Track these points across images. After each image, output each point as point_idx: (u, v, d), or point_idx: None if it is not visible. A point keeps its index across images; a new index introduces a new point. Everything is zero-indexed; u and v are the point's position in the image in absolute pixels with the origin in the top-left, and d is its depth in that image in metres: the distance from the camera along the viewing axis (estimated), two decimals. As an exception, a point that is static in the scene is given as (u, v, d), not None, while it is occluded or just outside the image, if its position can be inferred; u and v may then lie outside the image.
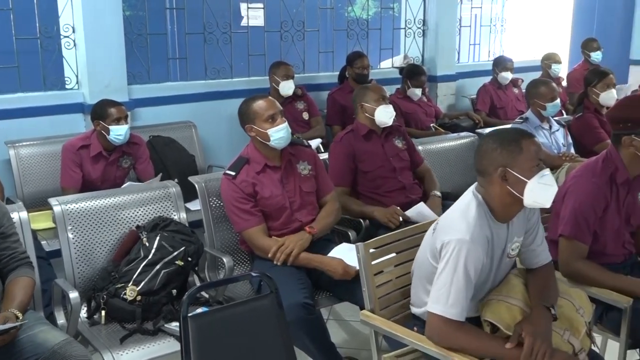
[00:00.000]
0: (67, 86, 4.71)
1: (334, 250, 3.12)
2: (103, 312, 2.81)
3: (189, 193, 3.45)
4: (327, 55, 6.20)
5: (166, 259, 2.92)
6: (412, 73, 5.62)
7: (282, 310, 2.45)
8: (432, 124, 5.65)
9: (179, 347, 2.33)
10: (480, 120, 5.92)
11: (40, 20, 4.59)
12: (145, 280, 2.84)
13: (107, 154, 4.02)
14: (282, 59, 5.47)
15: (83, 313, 2.84)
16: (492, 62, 6.46)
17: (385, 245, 2.55)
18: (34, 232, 3.06)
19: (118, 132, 3.90)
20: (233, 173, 3.13)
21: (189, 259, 2.99)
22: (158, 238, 2.96)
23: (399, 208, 3.58)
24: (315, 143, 4.85)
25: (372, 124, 3.78)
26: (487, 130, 4.37)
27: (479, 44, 7.54)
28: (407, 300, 2.51)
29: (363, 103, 3.77)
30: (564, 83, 6.75)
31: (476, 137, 4.51)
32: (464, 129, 5.40)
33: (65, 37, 4.63)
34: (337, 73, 5.81)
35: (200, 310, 2.55)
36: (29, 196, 4.14)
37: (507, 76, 6.17)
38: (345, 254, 3.02)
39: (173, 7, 6.27)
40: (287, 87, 5.12)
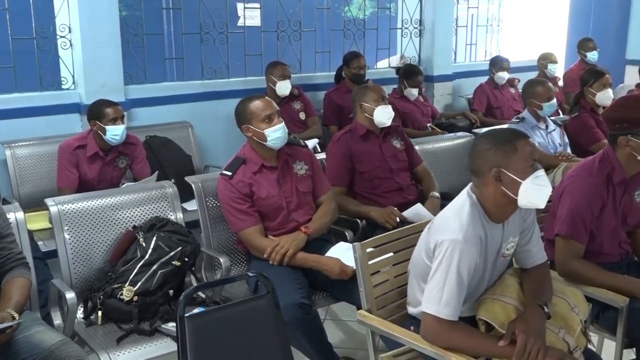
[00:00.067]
0: (63, 86, 4.71)
1: (331, 250, 3.12)
2: (99, 313, 2.81)
3: (186, 193, 3.45)
4: (323, 55, 6.20)
5: (163, 259, 2.91)
6: (408, 73, 5.63)
7: (279, 310, 2.45)
8: (428, 124, 5.65)
9: (175, 347, 2.33)
10: (476, 120, 5.91)
11: (36, 20, 4.59)
12: (142, 280, 2.84)
13: (104, 154, 4.01)
14: (278, 59, 5.47)
15: (79, 313, 2.84)
16: (488, 62, 6.46)
17: (382, 245, 2.55)
18: (31, 232, 3.06)
19: (114, 132, 3.90)
20: (229, 173, 3.13)
21: (186, 259, 2.99)
22: (155, 238, 2.96)
23: (396, 209, 3.58)
24: (312, 143, 4.85)
25: (370, 123, 3.77)
26: (484, 130, 4.38)
27: (476, 44, 7.55)
28: (403, 300, 2.51)
29: (362, 103, 3.77)
30: (560, 83, 6.76)
31: (473, 137, 4.51)
32: (460, 129, 5.40)
33: (61, 37, 4.63)
34: (334, 73, 5.81)
35: (197, 310, 2.55)
36: (25, 196, 4.13)
37: (503, 76, 6.17)
38: (342, 253, 3.02)
39: (169, 7, 6.25)
40: (284, 87, 5.12)
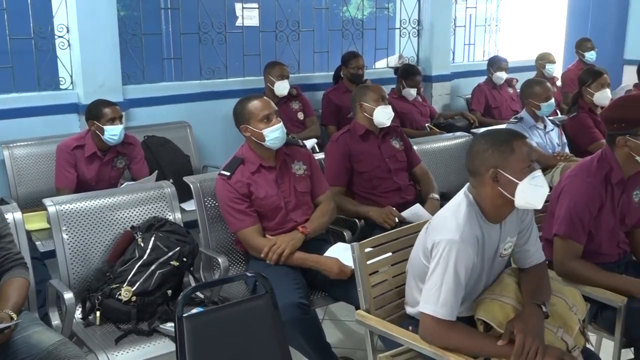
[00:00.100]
0: (61, 86, 4.71)
1: (330, 250, 3.12)
2: (98, 313, 2.80)
3: (184, 193, 3.45)
4: (322, 55, 6.20)
5: (161, 260, 2.91)
6: (407, 73, 5.63)
7: (277, 310, 2.45)
8: (427, 124, 5.65)
9: (174, 347, 2.32)
10: (475, 120, 5.92)
11: (34, 20, 4.59)
12: (140, 280, 2.84)
13: (102, 154, 4.01)
14: (277, 59, 5.47)
15: (78, 314, 2.84)
16: (486, 62, 6.46)
17: (380, 245, 2.55)
18: (29, 232, 3.06)
19: (112, 132, 3.89)
20: (228, 173, 3.13)
21: (184, 259, 2.98)
22: (153, 238, 2.96)
23: (395, 209, 3.58)
24: (311, 143, 4.85)
25: (370, 123, 3.77)
26: (482, 130, 4.38)
27: (474, 44, 7.55)
28: (402, 300, 2.51)
29: (362, 102, 3.77)
30: (558, 83, 6.76)
31: (471, 137, 4.51)
32: (458, 129, 5.40)
33: (59, 37, 4.62)
34: (332, 73, 5.82)
35: (195, 310, 2.54)
36: (24, 197, 4.13)
37: (501, 76, 6.18)
38: (341, 253, 3.02)
39: (168, 7, 6.25)
40: (282, 87, 5.12)
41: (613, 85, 4.93)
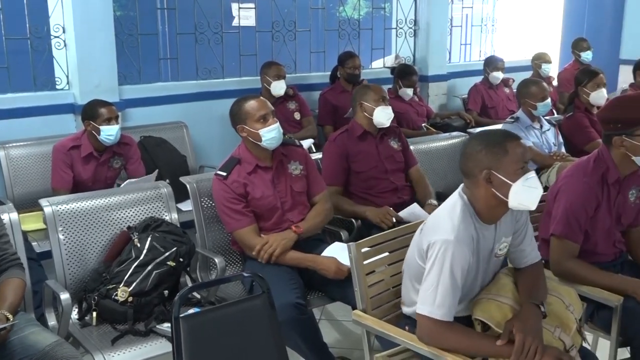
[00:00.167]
0: (57, 86, 4.70)
1: (327, 249, 3.12)
2: (94, 314, 2.80)
3: (181, 193, 3.44)
4: (318, 55, 6.20)
5: (158, 260, 2.91)
6: (403, 73, 5.63)
7: (274, 310, 2.45)
8: (423, 124, 5.65)
9: (170, 348, 2.32)
10: (471, 120, 5.93)
11: (30, 21, 4.58)
12: (137, 281, 2.83)
13: (98, 155, 4.00)
14: (273, 59, 5.47)
15: (74, 314, 2.83)
16: (483, 62, 6.48)
17: (377, 244, 2.55)
18: (25, 233, 3.04)
19: (109, 133, 3.89)
20: (224, 173, 3.13)
21: (181, 259, 2.98)
22: (149, 239, 2.96)
23: (392, 209, 3.58)
24: (307, 143, 4.85)
25: (369, 123, 3.77)
26: (478, 130, 4.38)
27: (470, 44, 7.56)
28: (399, 300, 2.52)
29: (363, 102, 3.77)
30: (554, 82, 6.78)
31: (467, 137, 4.51)
32: (455, 129, 5.41)
33: (55, 37, 4.61)
34: (329, 73, 5.82)
35: (192, 310, 2.55)
36: (20, 197, 4.12)
37: (498, 76, 6.19)
38: (338, 253, 3.01)
39: (164, 7, 6.24)
40: (279, 87, 5.12)
41: (609, 85, 4.94)
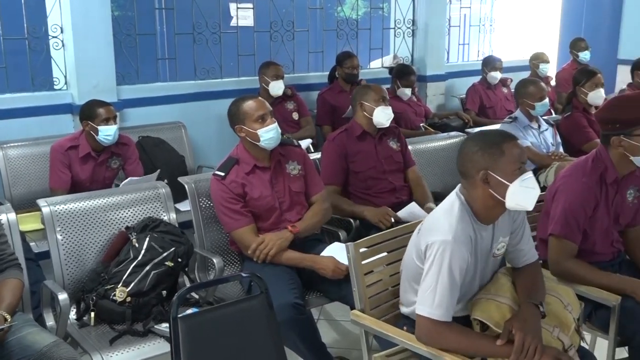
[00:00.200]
0: (55, 87, 4.69)
1: (327, 249, 3.12)
2: (92, 314, 2.80)
3: (179, 194, 3.44)
4: (316, 55, 6.20)
5: (156, 260, 2.90)
6: (401, 73, 5.64)
7: (272, 310, 2.45)
8: (421, 124, 5.66)
9: (169, 348, 2.32)
10: (469, 119, 5.93)
11: (28, 21, 4.57)
12: (135, 281, 2.83)
13: (96, 155, 4.00)
14: (271, 59, 5.46)
15: (72, 315, 2.83)
16: (481, 62, 6.47)
17: (375, 245, 2.55)
18: (23, 233, 3.04)
19: (107, 133, 3.88)
20: (222, 174, 3.12)
21: (179, 259, 2.98)
22: (148, 239, 2.95)
23: (390, 209, 3.58)
24: (305, 143, 4.85)
25: (369, 123, 3.77)
26: (477, 130, 4.38)
27: (468, 44, 7.57)
28: (397, 300, 2.52)
29: (363, 102, 3.77)
30: (552, 82, 6.78)
31: (465, 137, 4.52)
32: (453, 129, 5.41)
33: (53, 37, 4.61)
34: (327, 73, 5.81)
35: (190, 311, 2.54)
36: (18, 197, 4.11)
37: (496, 76, 6.19)
38: (337, 253, 3.01)
39: (162, 7, 6.24)
40: (277, 87, 5.12)
41: (607, 84, 4.94)
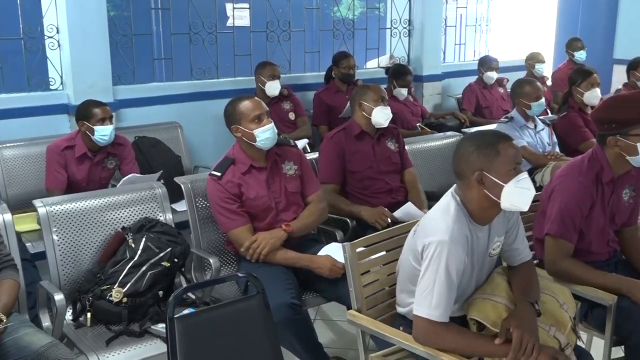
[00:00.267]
0: (51, 87, 4.69)
1: (324, 249, 3.12)
2: (89, 314, 2.79)
3: (175, 194, 3.44)
4: (313, 56, 6.20)
5: (152, 260, 2.90)
6: (398, 73, 5.64)
7: (269, 310, 2.45)
8: (418, 124, 5.66)
9: (165, 348, 2.32)
10: (466, 119, 5.93)
11: (23, 21, 4.56)
12: (131, 281, 2.83)
13: (92, 155, 3.99)
14: (268, 59, 5.46)
15: (68, 315, 2.82)
16: (477, 61, 6.48)
17: (371, 244, 2.55)
18: (19, 234, 3.03)
19: (103, 133, 3.88)
20: (218, 174, 3.12)
21: (175, 260, 2.97)
22: (144, 239, 2.95)
23: (387, 209, 3.58)
24: (302, 143, 4.85)
25: (367, 123, 3.77)
26: (473, 130, 4.39)
27: (465, 44, 7.57)
28: (393, 300, 2.52)
29: (362, 101, 3.77)
30: (548, 82, 6.79)
31: (462, 137, 4.52)
32: (450, 129, 5.41)
33: (49, 37, 4.60)
34: (324, 73, 5.81)
35: (186, 311, 2.54)
36: (13, 198, 4.10)
37: (492, 76, 6.19)
38: (334, 252, 3.01)
39: (158, 7, 6.22)
40: (273, 87, 5.11)
41: (603, 84, 4.95)
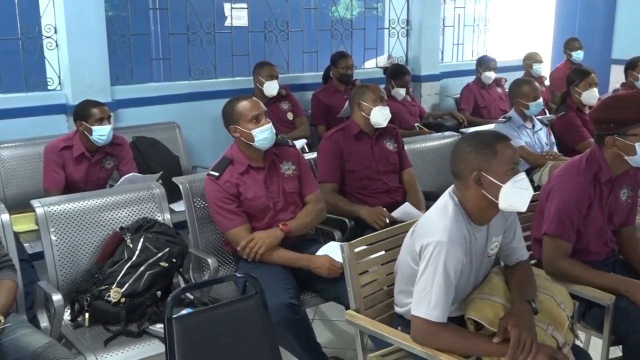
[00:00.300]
0: (49, 87, 4.68)
1: (322, 248, 3.12)
2: (87, 315, 2.79)
3: (173, 194, 3.43)
4: (311, 56, 6.20)
5: (150, 261, 2.90)
6: (396, 73, 5.64)
7: (267, 310, 2.45)
8: (416, 124, 5.66)
9: (163, 348, 2.32)
10: (464, 119, 5.94)
11: (21, 21, 4.56)
12: (130, 282, 2.83)
13: (90, 155, 3.99)
14: (266, 59, 5.46)
15: (66, 315, 2.82)
16: (475, 61, 6.49)
17: (370, 244, 2.55)
18: (17, 234, 3.03)
19: (101, 133, 3.87)
20: (217, 174, 3.12)
21: (174, 260, 2.97)
22: (142, 239, 2.95)
23: (385, 209, 3.58)
24: (300, 143, 4.85)
25: (366, 123, 3.77)
26: (471, 130, 4.39)
27: (463, 44, 7.58)
28: (392, 300, 2.52)
29: (361, 101, 3.77)
30: (546, 82, 6.80)
31: (460, 137, 4.52)
32: (448, 129, 5.42)
33: (47, 37, 4.60)
34: (322, 73, 5.82)
35: (185, 311, 2.54)
36: (11, 198, 4.09)
37: (490, 76, 6.20)
38: (332, 252, 3.01)
39: (156, 7, 6.22)
40: (271, 87, 5.11)
41: (600, 84, 4.96)
